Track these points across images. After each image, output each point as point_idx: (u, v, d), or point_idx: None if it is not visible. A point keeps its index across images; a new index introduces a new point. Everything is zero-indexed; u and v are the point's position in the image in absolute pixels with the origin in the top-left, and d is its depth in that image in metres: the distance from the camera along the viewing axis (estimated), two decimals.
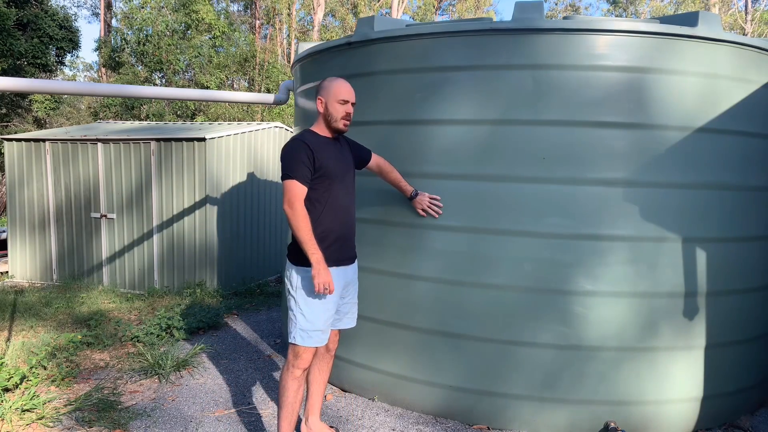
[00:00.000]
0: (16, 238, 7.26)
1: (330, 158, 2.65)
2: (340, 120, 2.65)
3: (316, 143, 2.63)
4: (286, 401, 2.64)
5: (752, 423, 3.38)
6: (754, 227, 3.27)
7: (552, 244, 3.06)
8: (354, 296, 2.89)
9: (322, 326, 2.64)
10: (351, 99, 2.67)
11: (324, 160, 2.61)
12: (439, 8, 31.30)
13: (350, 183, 2.77)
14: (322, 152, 2.62)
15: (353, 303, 2.90)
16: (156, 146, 6.54)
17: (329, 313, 2.66)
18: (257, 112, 18.59)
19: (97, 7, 28.82)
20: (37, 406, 3.27)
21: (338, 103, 2.64)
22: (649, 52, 2.98)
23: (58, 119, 21.98)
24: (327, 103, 2.65)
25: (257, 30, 26.22)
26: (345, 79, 2.72)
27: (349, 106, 2.67)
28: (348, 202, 2.74)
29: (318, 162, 2.59)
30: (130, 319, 5.34)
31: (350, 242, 2.77)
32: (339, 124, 2.66)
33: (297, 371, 2.63)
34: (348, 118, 2.67)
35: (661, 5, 28.46)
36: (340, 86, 2.65)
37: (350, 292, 2.84)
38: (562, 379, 3.11)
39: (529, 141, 3.07)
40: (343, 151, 2.79)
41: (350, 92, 2.67)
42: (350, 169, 2.78)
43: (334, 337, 2.90)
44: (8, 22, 12.71)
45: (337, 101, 2.63)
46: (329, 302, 2.65)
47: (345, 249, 2.73)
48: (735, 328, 3.27)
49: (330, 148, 2.69)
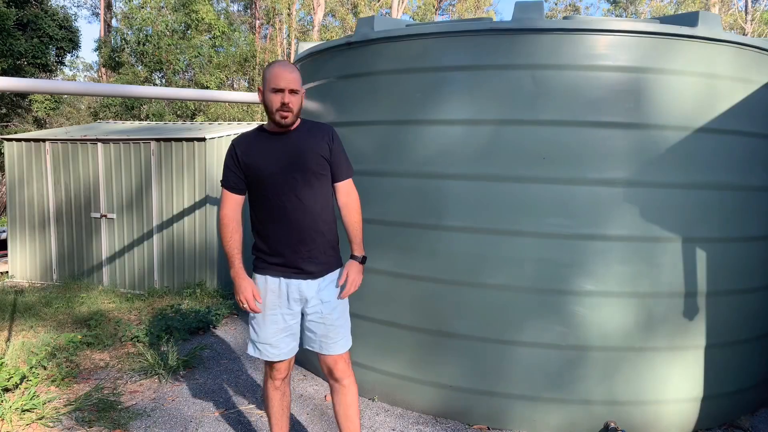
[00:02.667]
0: (16, 238, 7.26)
1: (261, 157, 2.32)
2: (275, 112, 2.26)
3: (248, 142, 2.37)
4: (271, 411, 2.57)
5: (752, 423, 3.38)
6: (754, 227, 3.27)
7: (552, 244, 3.06)
8: (329, 317, 2.42)
9: (270, 340, 2.41)
10: (288, 86, 2.23)
11: (251, 159, 2.32)
12: (439, 8, 31.30)
13: (301, 183, 2.32)
14: (253, 150, 2.34)
15: (329, 325, 2.42)
16: (156, 146, 6.54)
17: (276, 327, 2.40)
18: (257, 112, 18.58)
19: (97, 7, 28.82)
20: (37, 406, 3.27)
21: (271, 92, 2.25)
22: (649, 52, 2.98)
23: (58, 119, 21.97)
24: (264, 93, 2.30)
25: (257, 30, 26.22)
26: (288, 66, 2.30)
27: (286, 95, 2.23)
28: (294, 206, 2.32)
29: (244, 162, 2.33)
30: (130, 319, 5.34)
31: (302, 252, 2.36)
32: (275, 117, 2.27)
33: (275, 381, 2.51)
34: (285, 109, 2.24)
35: (661, 5, 28.46)
36: (273, 72, 2.25)
37: (316, 309, 2.41)
38: (562, 379, 3.11)
39: (529, 141, 3.06)
40: (297, 147, 2.34)
41: (286, 78, 2.23)
42: (298, 167, 2.33)
43: (334, 365, 2.46)
44: (8, 22, 12.71)
45: (269, 89, 2.25)
46: (276, 315, 2.40)
47: (294, 259, 2.36)
48: (735, 328, 3.27)
49: (267, 144, 2.35)
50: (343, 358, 2.48)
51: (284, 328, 2.43)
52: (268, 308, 2.41)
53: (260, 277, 2.43)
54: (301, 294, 2.40)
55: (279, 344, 2.43)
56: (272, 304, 2.41)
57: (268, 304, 2.41)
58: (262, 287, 2.41)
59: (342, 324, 2.47)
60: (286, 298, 2.40)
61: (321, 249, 2.41)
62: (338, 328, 2.45)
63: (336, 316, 2.44)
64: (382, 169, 3.41)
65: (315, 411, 3.44)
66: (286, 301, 2.41)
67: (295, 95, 2.27)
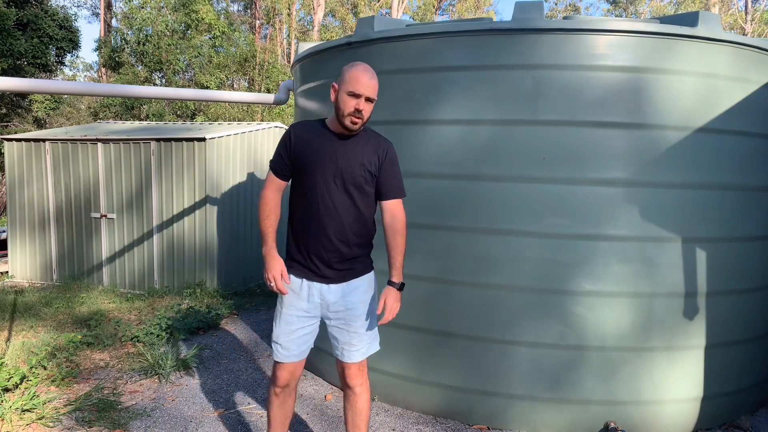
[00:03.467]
0: (16, 238, 7.26)
1: (312, 152, 2.27)
2: (347, 116, 2.20)
3: (307, 133, 2.32)
4: (269, 414, 2.53)
5: (752, 423, 3.38)
6: (754, 227, 3.27)
7: (552, 244, 3.06)
8: (353, 324, 2.38)
9: (283, 341, 2.37)
10: (365, 93, 2.18)
11: (303, 150, 2.28)
12: (439, 8, 31.30)
13: (340, 190, 2.28)
14: (309, 143, 2.29)
15: (353, 333, 2.38)
16: (156, 146, 6.54)
17: (291, 327, 2.36)
18: (257, 112, 18.58)
19: (97, 7, 28.82)
20: (37, 406, 3.27)
21: (347, 95, 2.19)
22: (649, 52, 2.98)
23: (58, 119, 21.98)
24: (338, 93, 2.24)
25: (257, 30, 26.22)
26: (370, 71, 2.23)
27: (362, 102, 2.19)
28: (328, 210, 2.27)
29: (294, 151, 2.28)
30: (130, 319, 5.34)
31: (322, 256, 2.32)
32: (345, 120, 2.21)
33: (276, 388, 2.45)
34: (357, 116, 2.20)
35: (661, 5, 28.46)
36: (353, 75, 2.19)
37: (339, 316, 2.38)
38: (562, 379, 3.11)
39: (529, 141, 3.06)
40: (348, 154, 2.28)
41: (366, 85, 2.18)
42: (341, 174, 2.28)
43: (347, 370, 2.43)
44: (8, 22, 12.71)
45: (346, 91, 2.20)
46: (291, 315, 2.37)
47: (312, 260, 2.33)
48: (735, 328, 3.27)
49: (326, 141, 2.29)
50: (356, 365, 2.42)
51: (297, 329, 2.38)
52: (284, 306, 2.38)
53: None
54: (323, 298, 2.36)
55: (289, 345, 2.39)
56: (289, 303, 2.37)
57: (285, 302, 2.38)
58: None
59: (366, 332, 2.41)
60: (306, 299, 2.37)
61: (342, 259, 2.35)
62: (362, 336, 2.40)
63: (359, 324, 2.39)
64: None
65: (315, 411, 3.44)
66: (306, 302, 2.37)
67: (370, 103, 2.23)
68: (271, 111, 18.28)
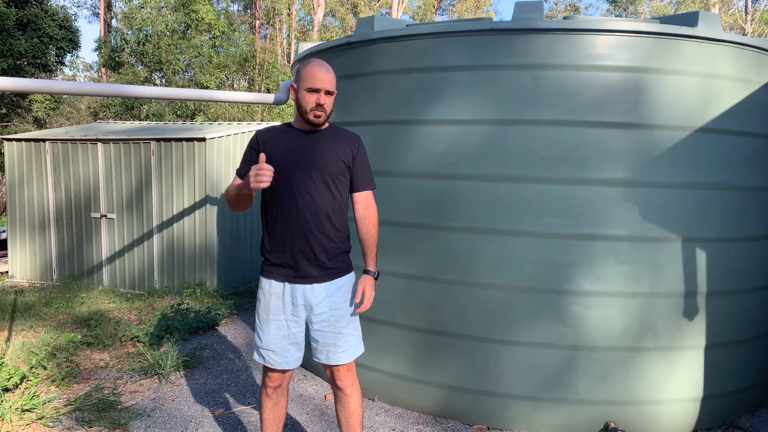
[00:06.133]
0: (16, 238, 7.26)
1: (283, 151, 2.30)
2: (309, 111, 2.25)
3: (275, 134, 2.35)
4: (262, 416, 2.53)
5: (752, 423, 3.38)
6: (754, 227, 3.27)
7: (552, 244, 3.06)
8: (337, 324, 2.37)
9: (273, 346, 2.37)
10: (323, 86, 2.23)
11: (273, 151, 2.29)
12: (439, 8, 31.30)
13: (318, 183, 2.30)
14: (276, 143, 2.31)
15: (337, 333, 2.36)
16: (156, 146, 6.54)
17: (280, 333, 2.36)
18: (257, 112, 18.59)
19: (97, 7, 28.82)
20: (37, 406, 3.27)
21: (306, 91, 2.25)
22: (649, 53, 2.98)
23: (58, 119, 21.98)
24: (298, 92, 2.29)
25: (257, 30, 26.22)
26: (324, 66, 2.27)
27: (322, 96, 2.24)
28: (307, 205, 2.28)
29: (265, 154, 2.25)
30: (130, 319, 5.34)
31: (308, 253, 2.32)
32: (309, 116, 2.26)
33: (267, 389, 2.47)
34: (320, 110, 2.25)
35: (661, 5, 28.46)
36: (310, 71, 2.24)
37: (323, 318, 2.36)
38: (562, 379, 3.11)
39: (529, 141, 3.07)
40: (320, 148, 2.32)
41: (323, 79, 2.23)
42: (318, 167, 2.30)
43: (336, 373, 2.42)
44: (8, 22, 12.71)
45: (305, 89, 2.24)
46: (280, 321, 2.36)
47: (297, 259, 2.31)
48: (735, 328, 3.27)
49: (297, 139, 2.33)
50: (345, 366, 2.42)
51: (288, 335, 2.38)
52: (271, 313, 2.36)
53: (265, 281, 2.40)
54: (306, 300, 2.35)
55: (283, 352, 2.38)
56: (276, 309, 2.36)
57: (271, 309, 2.37)
58: (266, 291, 2.39)
59: (350, 332, 2.41)
60: (291, 303, 2.35)
61: (328, 254, 2.35)
62: (346, 336, 2.39)
63: (344, 324, 2.38)
64: (382, 169, 3.41)
65: (315, 411, 3.44)
66: (291, 306, 2.36)
67: (330, 96, 2.28)
68: (271, 111, 18.28)
